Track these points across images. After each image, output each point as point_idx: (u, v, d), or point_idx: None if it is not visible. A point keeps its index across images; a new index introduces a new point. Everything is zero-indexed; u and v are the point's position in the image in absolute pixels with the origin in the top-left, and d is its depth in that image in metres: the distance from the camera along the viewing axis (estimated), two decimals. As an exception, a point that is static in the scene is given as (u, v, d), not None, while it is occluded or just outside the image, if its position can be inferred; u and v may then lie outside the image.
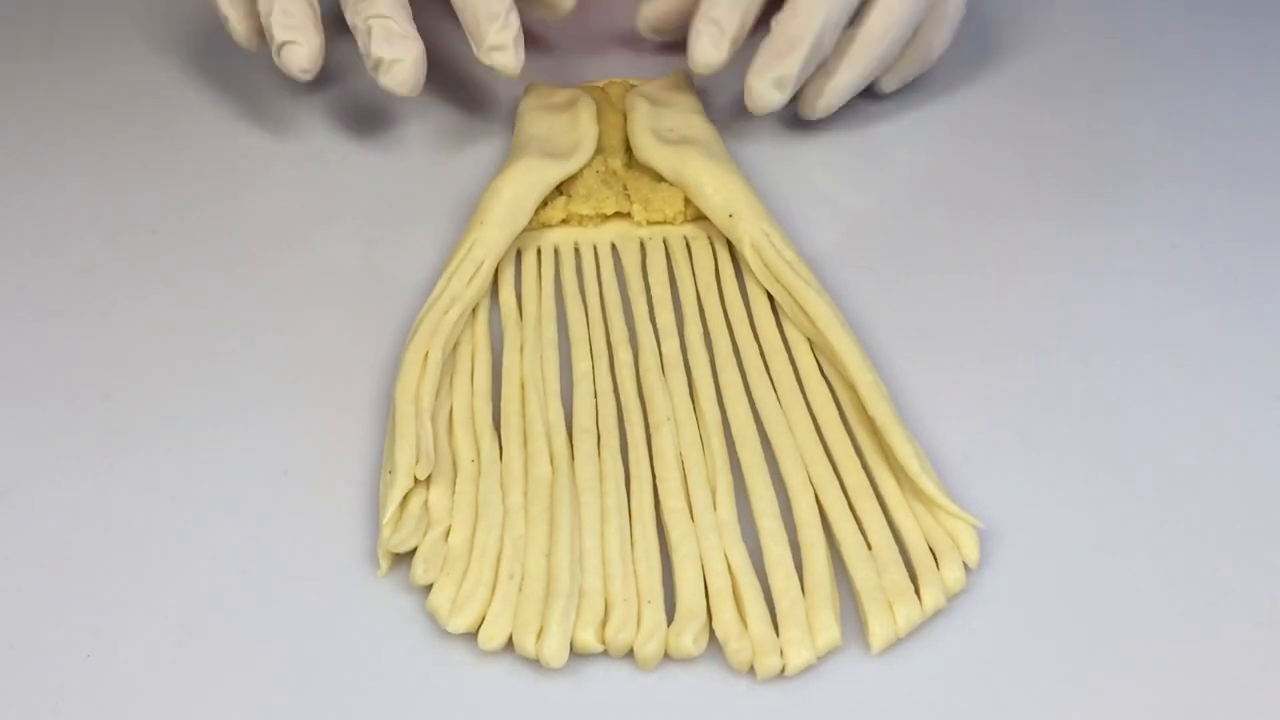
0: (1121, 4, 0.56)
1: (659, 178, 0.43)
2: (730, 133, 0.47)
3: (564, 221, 0.42)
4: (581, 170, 0.43)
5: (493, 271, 0.39)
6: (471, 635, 0.30)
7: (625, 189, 0.43)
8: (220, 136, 0.48)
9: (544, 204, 0.42)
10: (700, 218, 0.42)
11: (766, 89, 0.43)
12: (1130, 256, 0.42)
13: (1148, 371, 0.37)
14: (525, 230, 0.42)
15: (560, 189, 0.43)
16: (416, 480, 0.33)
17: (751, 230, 0.40)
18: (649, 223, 0.42)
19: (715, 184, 0.41)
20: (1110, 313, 0.40)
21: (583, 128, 0.44)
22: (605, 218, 0.43)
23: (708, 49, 0.43)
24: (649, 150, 0.43)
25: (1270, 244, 0.42)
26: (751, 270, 0.39)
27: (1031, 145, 0.47)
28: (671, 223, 0.42)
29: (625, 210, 0.42)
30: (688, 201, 0.42)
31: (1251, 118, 0.49)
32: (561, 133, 0.44)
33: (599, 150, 0.44)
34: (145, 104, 0.50)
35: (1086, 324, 0.39)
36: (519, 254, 0.41)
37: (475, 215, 0.40)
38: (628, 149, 0.45)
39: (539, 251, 0.42)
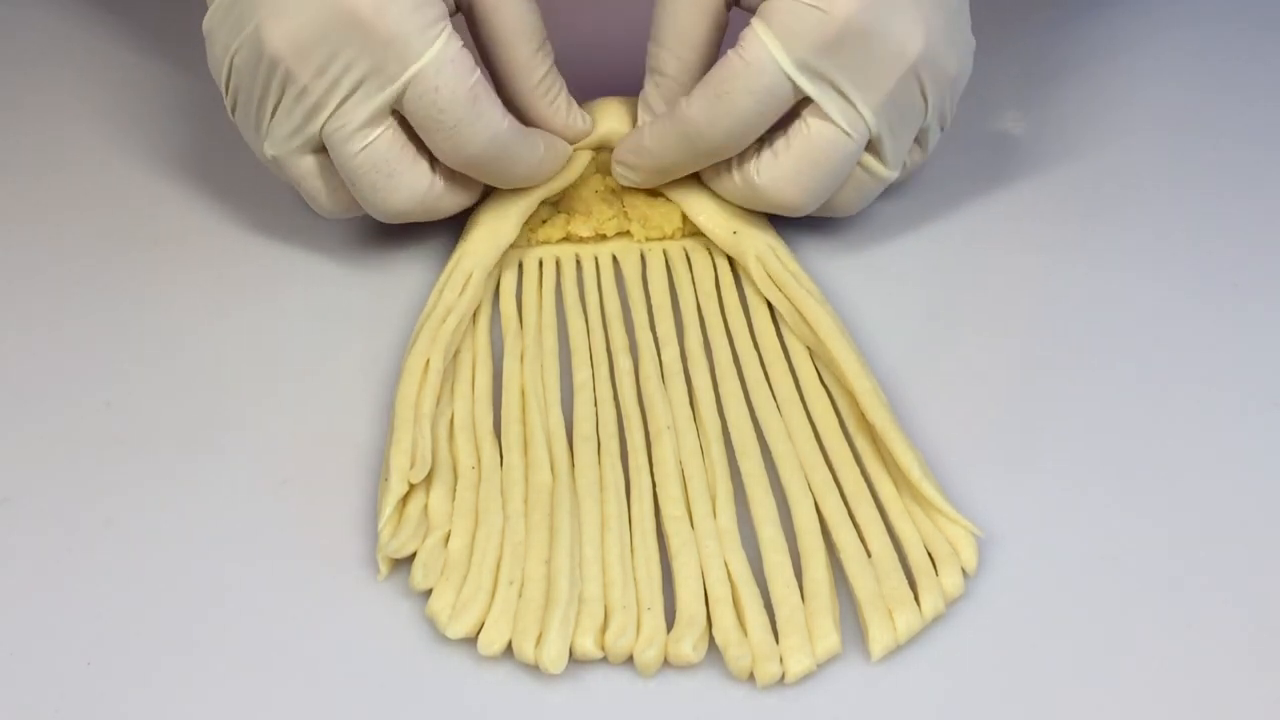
0: (1120, 14, 0.56)
1: (656, 192, 0.43)
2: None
3: (564, 239, 0.42)
4: (580, 188, 0.43)
5: (483, 282, 0.39)
6: (471, 640, 0.30)
7: (623, 205, 0.43)
8: (222, 147, 0.48)
9: (543, 222, 0.42)
10: (700, 232, 0.42)
11: (620, 171, 0.41)
12: (1130, 265, 0.42)
13: (1147, 379, 0.37)
14: (526, 246, 0.42)
15: (559, 206, 0.43)
16: (413, 485, 0.33)
17: (757, 243, 0.40)
18: (647, 239, 0.42)
19: (716, 205, 0.41)
20: (1110, 321, 0.40)
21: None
22: (604, 238, 0.43)
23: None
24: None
25: (1270, 252, 0.42)
26: (754, 281, 0.40)
27: (1031, 156, 0.47)
28: (671, 238, 0.42)
29: (624, 229, 0.42)
30: (686, 218, 0.42)
31: (1252, 126, 0.49)
32: None
33: (597, 170, 0.43)
34: (148, 112, 0.50)
35: (1086, 332, 0.39)
36: (520, 264, 0.42)
37: (462, 233, 0.41)
38: None
39: (540, 262, 0.42)
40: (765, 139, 0.39)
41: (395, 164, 0.37)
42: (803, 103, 0.37)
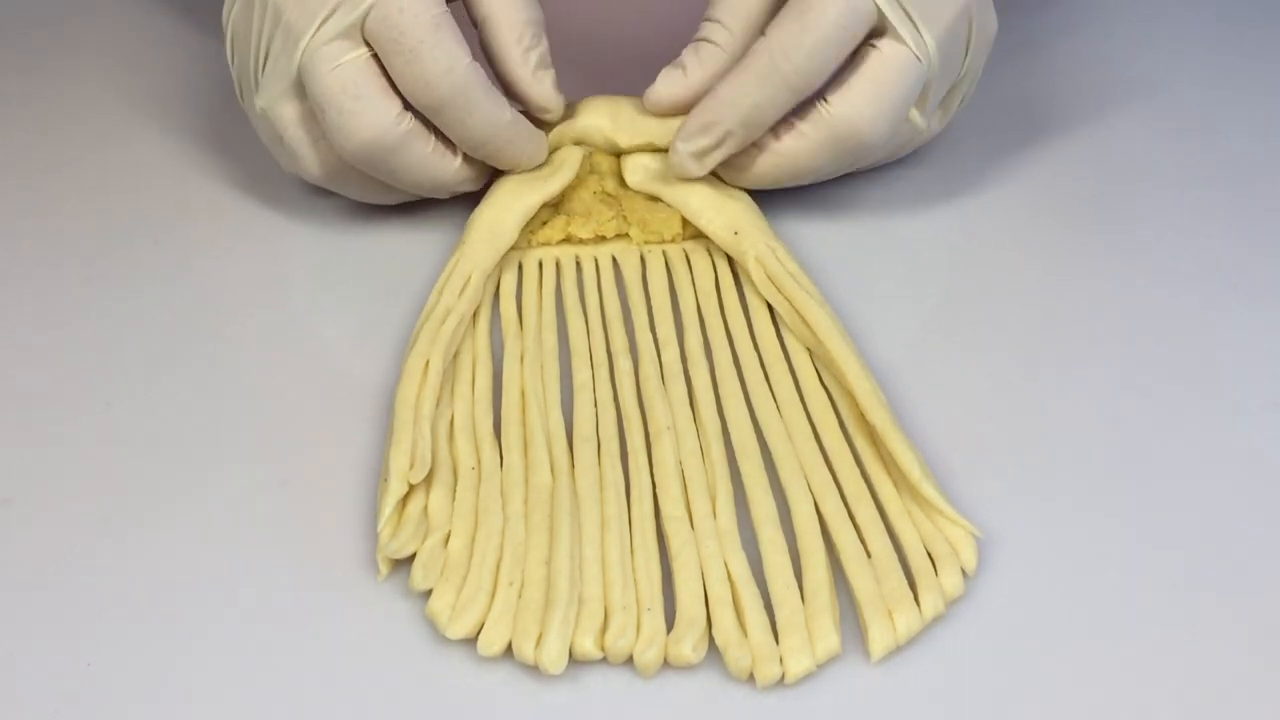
0: (1116, 14, 0.56)
1: (655, 197, 0.42)
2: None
3: (564, 241, 0.42)
4: (579, 190, 0.43)
5: (482, 284, 0.39)
6: (471, 641, 0.30)
7: (621, 208, 0.43)
8: (224, 148, 0.48)
9: (543, 224, 0.42)
10: (699, 235, 0.42)
11: (683, 160, 0.40)
12: (1128, 266, 0.42)
13: (1147, 380, 0.37)
14: (525, 248, 0.42)
15: (559, 208, 0.43)
16: (413, 485, 0.33)
17: (757, 244, 0.40)
18: (646, 242, 0.42)
19: (716, 208, 0.41)
20: (1110, 321, 0.40)
21: (563, 149, 0.43)
22: (604, 239, 0.43)
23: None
24: (649, 182, 0.42)
25: (1268, 251, 0.42)
26: (753, 282, 0.40)
27: (1032, 156, 0.47)
28: (670, 242, 0.42)
29: (623, 231, 0.42)
30: (686, 222, 0.42)
31: (1251, 125, 0.49)
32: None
33: (594, 171, 0.43)
34: (150, 113, 0.50)
35: (1086, 332, 0.39)
36: (520, 265, 0.42)
37: (461, 237, 0.41)
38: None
39: (540, 263, 0.42)
40: (827, 88, 0.39)
41: (363, 87, 0.37)
42: (869, 37, 0.38)
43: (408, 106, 0.38)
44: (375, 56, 0.38)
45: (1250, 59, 0.53)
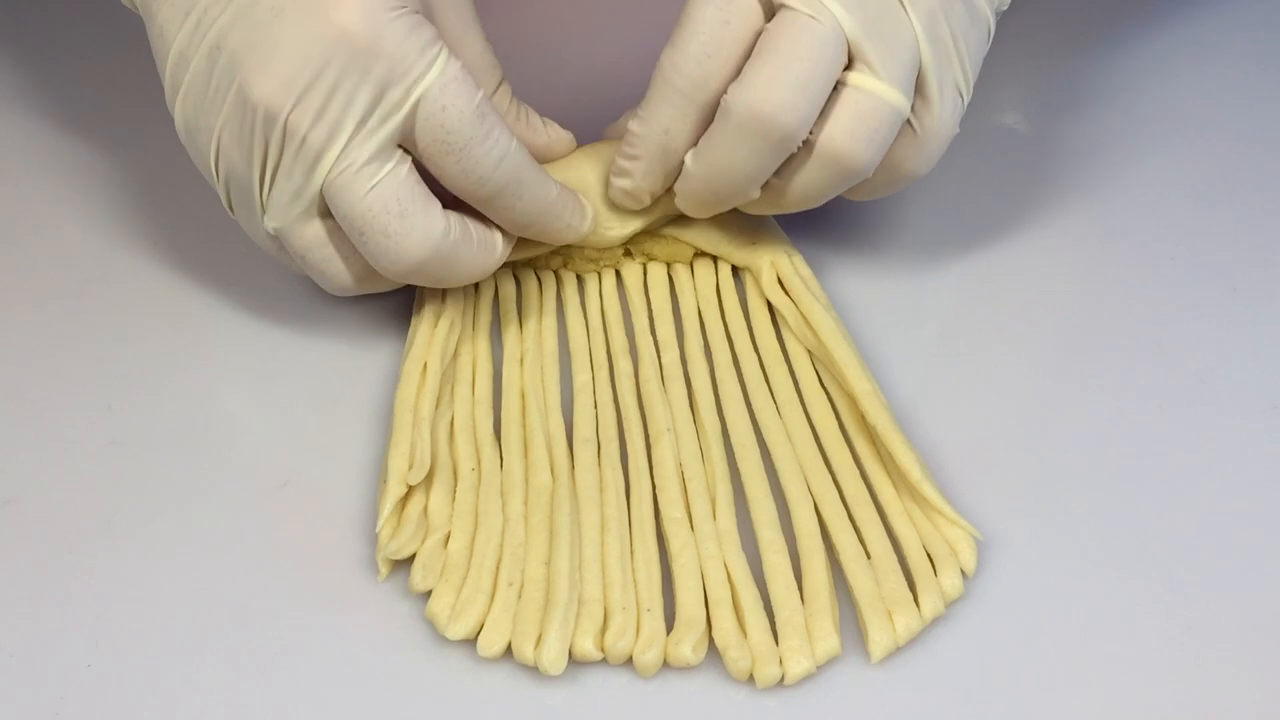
0: (1115, 13, 0.56)
1: (658, 232, 0.41)
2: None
3: (564, 266, 0.42)
4: None
5: (462, 292, 0.39)
6: (471, 642, 0.30)
7: (626, 244, 0.41)
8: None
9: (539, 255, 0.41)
10: (703, 254, 0.42)
11: (618, 195, 0.39)
12: (1128, 267, 0.42)
13: (1145, 382, 0.38)
14: (524, 264, 0.41)
15: (560, 250, 0.41)
16: (413, 487, 0.33)
17: (775, 251, 0.40)
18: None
19: (727, 230, 0.40)
20: (1108, 322, 0.40)
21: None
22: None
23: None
24: (658, 226, 0.41)
25: (1268, 253, 0.42)
26: (761, 284, 0.39)
27: (1030, 159, 0.47)
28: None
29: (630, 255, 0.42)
30: (693, 252, 0.41)
31: (1249, 128, 0.49)
32: None
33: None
34: (155, 115, 0.50)
35: (1085, 335, 0.39)
36: (516, 275, 0.41)
37: None
38: None
39: (537, 272, 0.41)
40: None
41: (407, 203, 0.34)
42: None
43: (446, 204, 0.35)
44: (411, 162, 0.34)
45: (1250, 59, 0.53)
